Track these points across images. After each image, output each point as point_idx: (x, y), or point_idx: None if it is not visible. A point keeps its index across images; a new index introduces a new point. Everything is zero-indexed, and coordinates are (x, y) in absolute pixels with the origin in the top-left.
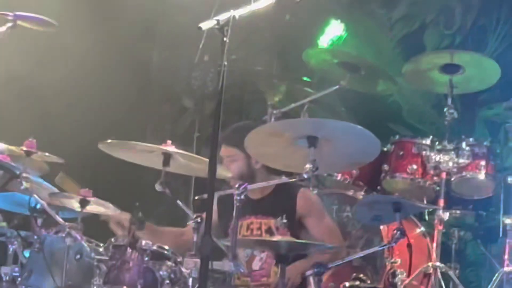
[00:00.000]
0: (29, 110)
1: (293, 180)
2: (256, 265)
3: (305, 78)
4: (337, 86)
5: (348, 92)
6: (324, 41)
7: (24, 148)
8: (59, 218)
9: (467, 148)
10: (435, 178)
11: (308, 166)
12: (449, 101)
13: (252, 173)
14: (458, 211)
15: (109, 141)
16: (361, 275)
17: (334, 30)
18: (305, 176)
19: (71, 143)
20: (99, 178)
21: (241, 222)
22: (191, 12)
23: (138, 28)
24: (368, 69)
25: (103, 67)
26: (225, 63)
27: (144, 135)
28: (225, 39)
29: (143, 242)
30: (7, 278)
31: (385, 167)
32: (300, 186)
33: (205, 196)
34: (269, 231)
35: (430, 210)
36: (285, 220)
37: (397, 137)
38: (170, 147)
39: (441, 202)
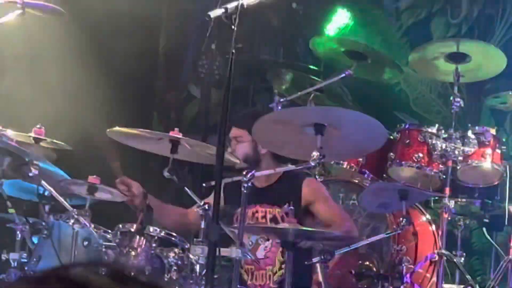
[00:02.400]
0: (37, 98)
1: (300, 167)
2: (260, 253)
3: (311, 67)
4: (344, 74)
5: (354, 80)
6: (331, 29)
7: (33, 135)
8: (67, 205)
9: (473, 136)
10: (441, 166)
11: (315, 153)
12: (455, 89)
13: (257, 158)
14: (463, 200)
15: (117, 128)
16: (367, 263)
17: (341, 18)
18: (312, 164)
19: (78, 130)
20: (107, 165)
21: (246, 210)
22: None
23: (145, 15)
24: (375, 57)
25: (110, 54)
26: (233, 51)
27: (150, 123)
28: (233, 27)
29: (151, 229)
30: (15, 264)
31: (391, 155)
32: (306, 174)
33: (213, 183)
34: (274, 220)
35: (436, 198)
36: (292, 207)
37: (403, 125)
38: (177, 134)
39: (447, 190)
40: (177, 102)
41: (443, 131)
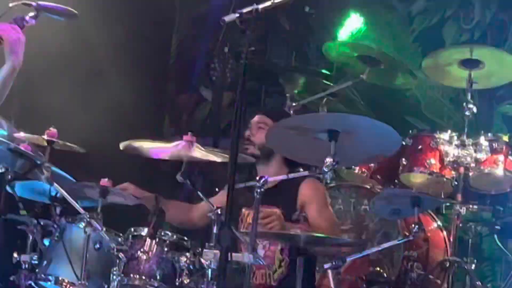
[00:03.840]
0: (49, 101)
1: (313, 173)
2: (260, 252)
3: (323, 71)
4: (357, 80)
5: (366, 85)
6: (343, 34)
7: (46, 137)
8: (79, 207)
9: (486, 143)
10: (453, 172)
11: (328, 160)
12: (469, 96)
13: (269, 153)
14: (475, 206)
15: (128, 142)
16: (378, 269)
17: (353, 23)
18: (326, 170)
19: (91, 132)
20: (119, 168)
21: (247, 211)
22: (211, 2)
23: (158, 17)
24: (387, 62)
25: (123, 57)
26: (247, 55)
27: (162, 126)
28: (247, 31)
29: (163, 233)
30: (26, 266)
31: (403, 161)
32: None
33: (226, 187)
34: None
35: (448, 204)
36: (304, 213)
37: (415, 131)
38: (191, 139)
39: (459, 197)
40: (189, 105)
41: (455, 138)
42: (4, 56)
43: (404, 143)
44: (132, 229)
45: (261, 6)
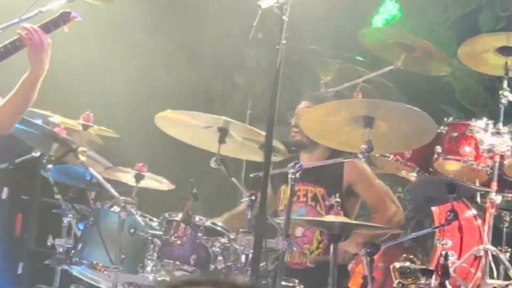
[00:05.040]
0: (85, 85)
1: (348, 160)
2: (298, 231)
3: (359, 58)
4: (392, 67)
5: (401, 72)
6: (378, 20)
7: (81, 122)
8: (114, 192)
9: None
10: (488, 160)
11: (363, 146)
12: (505, 84)
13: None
14: (510, 195)
15: (168, 111)
16: (411, 256)
17: (389, 10)
18: (360, 156)
19: (126, 118)
20: (154, 153)
21: (283, 188)
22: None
23: (192, 3)
24: (423, 49)
25: (157, 42)
26: (284, 41)
27: (196, 111)
28: (284, 17)
29: (197, 218)
30: (61, 250)
31: (438, 148)
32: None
33: (261, 174)
34: (314, 199)
35: (482, 192)
36: (338, 199)
37: (450, 118)
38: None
39: (494, 185)
40: (222, 91)
41: (491, 125)
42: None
43: (439, 130)
44: (167, 214)
45: None
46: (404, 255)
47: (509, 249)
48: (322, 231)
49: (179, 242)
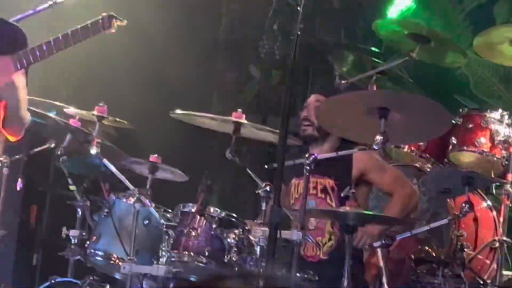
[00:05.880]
0: (99, 76)
1: (362, 150)
2: (310, 224)
3: (373, 48)
4: (406, 58)
5: (416, 63)
6: (393, 11)
7: (96, 113)
8: (128, 183)
9: None
10: (503, 152)
11: (378, 137)
12: None
13: (326, 134)
14: None
15: (178, 111)
16: (427, 248)
17: (403, 1)
18: (375, 147)
19: (140, 109)
20: (168, 144)
21: (298, 181)
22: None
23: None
24: (438, 40)
25: (171, 34)
26: (298, 32)
27: (210, 103)
28: (298, 8)
29: (212, 209)
30: (76, 241)
31: (453, 140)
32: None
33: (275, 165)
34: (324, 191)
35: (498, 184)
36: (353, 190)
37: (465, 110)
38: (240, 117)
39: (509, 177)
40: (237, 82)
41: (506, 117)
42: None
43: (454, 121)
44: (181, 206)
45: None
46: (420, 247)
47: None
48: (334, 223)
49: (193, 233)
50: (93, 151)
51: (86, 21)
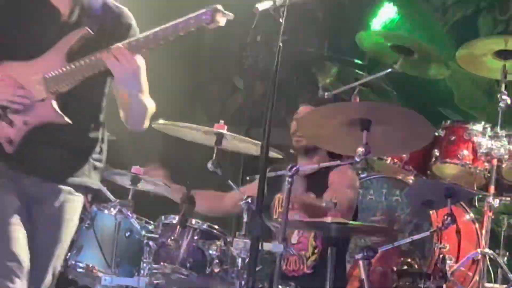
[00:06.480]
0: None
1: (345, 163)
2: (293, 238)
3: (357, 61)
4: (390, 70)
5: (399, 75)
6: (377, 23)
7: None
8: (110, 195)
9: None
10: (485, 164)
11: (360, 149)
12: (503, 87)
13: (317, 146)
14: (508, 198)
15: (161, 121)
16: (409, 260)
17: (387, 13)
18: (357, 159)
19: (121, 120)
20: (150, 156)
21: (282, 196)
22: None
23: (191, 6)
24: (421, 52)
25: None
26: (280, 44)
27: (194, 114)
28: (280, 20)
29: (193, 221)
30: None
31: (436, 152)
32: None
33: (257, 176)
34: None
35: (480, 196)
36: (335, 200)
37: (448, 122)
38: (222, 128)
39: (491, 189)
40: (221, 94)
41: (489, 129)
42: None
43: (437, 134)
44: (163, 217)
45: None
46: (402, 259)
47: (507, 253)
48: (316, 237)
49: (175, 245)
50: None
51: None
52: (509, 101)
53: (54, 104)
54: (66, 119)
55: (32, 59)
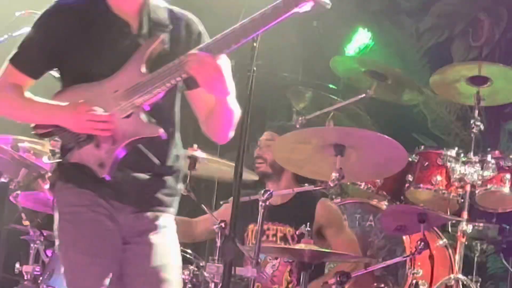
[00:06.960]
0: None
1: (319, 188)
2: (268, 271)
3: (331, 85)
4: (364, 95)
5: (373, 101)
6: (351, 49)
7: (51, 148)
8: None
9: (493, 161)
10: (459, 190)
11: (334, 174)
12: (476, 113)
13: (280, 170)
14: (481, 224)
15: None
16: (382, 285)
17: (361, 38)
18: (331, 184)
19: None
20: None
21: (251, 228)
22: (219, 16)
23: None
24: (395, 78)
25: None
26: (254, 68)
27: None
28: (254, 44)
29: None
30: (29, 277)
31: (409, 177)
32: (322, 195)
33: (230, 200)
34: (284, 239)
35: (453, 222)
36: (309, 228)
37: (422, 147)
38: (196, 151)
39: (465, 215)
40: (195, 117)
41: (462, 155)
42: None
43: (410, 159)
44: None
45: None
46: (375, 284)
47: (480, 279)
48: (292, 272)
49: None
50: (47, 186)
51: None
52: (482, 127)
53: (143, 116)
54: (161, 130)
55: (107, 77)
